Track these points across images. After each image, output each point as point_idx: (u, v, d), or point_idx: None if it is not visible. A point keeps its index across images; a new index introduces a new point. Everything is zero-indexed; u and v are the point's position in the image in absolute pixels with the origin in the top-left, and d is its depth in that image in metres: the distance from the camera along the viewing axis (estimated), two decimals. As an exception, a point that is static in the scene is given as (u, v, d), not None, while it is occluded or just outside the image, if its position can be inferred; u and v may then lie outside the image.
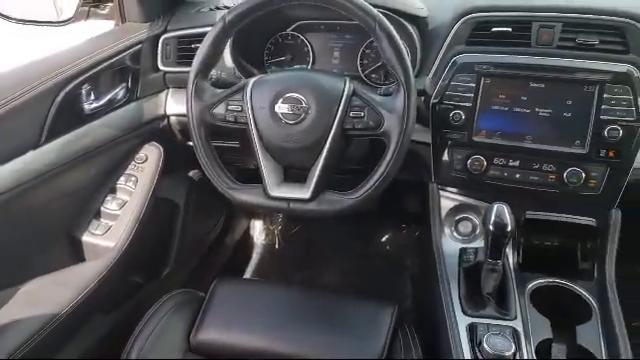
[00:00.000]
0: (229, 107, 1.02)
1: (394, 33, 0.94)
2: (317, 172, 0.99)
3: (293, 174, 1.08)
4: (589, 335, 0.97)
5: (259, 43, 1.37)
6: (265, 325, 1.12)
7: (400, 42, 0.94)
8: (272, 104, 0.99)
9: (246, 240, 2.14)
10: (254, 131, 1.00)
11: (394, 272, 1.99)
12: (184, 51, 1.32)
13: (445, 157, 1.16)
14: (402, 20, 1.17)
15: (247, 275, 2.05)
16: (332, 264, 2.08)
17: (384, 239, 2.15)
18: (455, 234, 1.21)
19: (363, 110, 0.97)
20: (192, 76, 1.02)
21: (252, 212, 2.18)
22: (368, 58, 1.31)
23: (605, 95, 1.02)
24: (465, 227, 1.21)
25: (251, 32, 1.29)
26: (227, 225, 1.95)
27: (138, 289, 1.50)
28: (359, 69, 1.32)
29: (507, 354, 0.88)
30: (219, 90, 1.05)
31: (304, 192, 0.99)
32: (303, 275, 2.03)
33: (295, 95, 0.98)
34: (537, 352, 0.95)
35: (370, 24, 0.94)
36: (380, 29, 0.94)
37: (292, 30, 1.36)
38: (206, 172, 1.05)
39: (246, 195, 1.03)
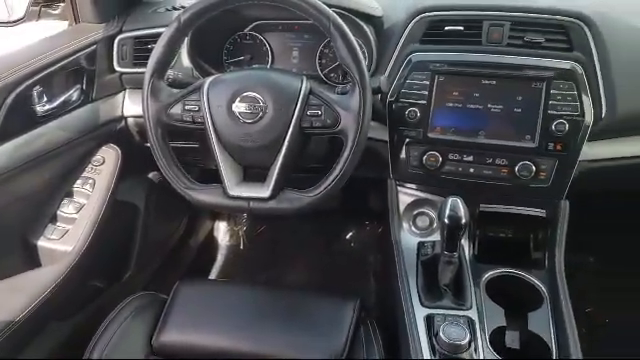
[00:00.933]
0: (186, 107, 1.01)
1: (348, 32, 0.95)
2: (276, 171, 0.99)
3: (253, 173, 1.08)
4: (540, 321, 1.01)
5: (217, 43, 1.37)
6: (228, 325, 1.12)
7: (354, 41, 0.96)
8: (229, 103, 0.99)
9: (210, 241, 2.13)
10: (212, 131, 1.00)
11: (358, 269, 2.02)
12: (140, 52, 1.30)
13: (402, 154, 1.18)
14: (357, 19, 1.19)
15: (212, 276, 2.03)
16: (297, 263, 2.09)
17: (348, 236, 2.17)
18: (413, 228, 1.24)
19: (320, 109, 0.98)
20: (148, 76, 1.02)
21: (216, 213, 2.17)
22: (326, 57, 1.32)
23: (552, 91, 1.07)
24: (423, 221, 1.24)
25: (209, 32, 1.29)
26: (190, 227, 1.94)
27: (99, 293, 1.47)
28: (318, 68, 1.33)
29: (462, 342, 0.91)
30: (176, 90, 1.04)
31: (264, 191, 1.00)
32: (268, 275, 2.04)
33: (252, 94, 0.98)
34: (491, 339, 0.98)
35: (324, 23, 0.95)
36: (334, 28, 0.95)
37: (250, 30, 1.37)
38: (164, 173, 1.04)
39: (205, 195, 1.02)
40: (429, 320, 1.01)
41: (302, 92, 0.98)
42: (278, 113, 0.98)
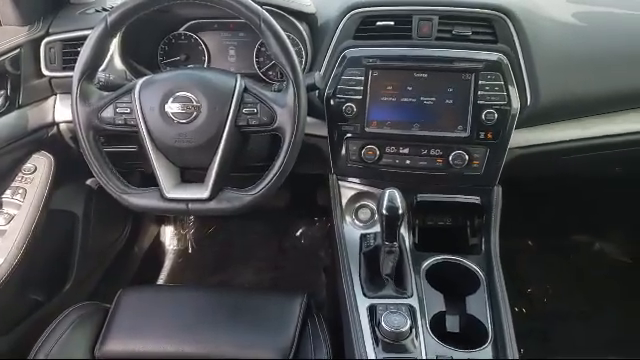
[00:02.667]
0: (117, 110, 0.99)
1: (279, 29, 0.96)
2: (214, 171, 0.99)
3: (193, 175, 1.07)
4: (477, 304, 1.05)
5: (151, 44, 1.34)
6: (173, 329, 1.11)
7: (285, 38, 0.96)
8: (162, 104, 0.97)
9: (157, 247, 2.08)
10: (145, 133, 0.98)
11: (309, 265, 2.03)
12: (70, 55, 1.25)
13: (341, 149, 1.20)
14: (290, 17, 1.20)
15: (160, 283, 1.99)
16: (248, 263, 2.08)
17: (298, 234, 2.18)
18: (356, 221, 1.26)
19: (256, 106, 0.98)
20: (76, 80, 0.99)
21: (161, 218, 2.12)
22: (264, 56, 1.32)
23: (480, 82, 1.11)
24: (364, 214, 1.26)
25: (141, 32, 1.26)
26: (134, 233, 1.89)
27: (38, 307, 1.41)
28: (256, 67, 1.33)
29: (403, 330, 0.94)
30: (106, 93, 1.01)
31: (202, 192, 0.99)
32: (219, 277, 2.02)
33: (185, 94, 0.97)
34: (432, 325, 1.01)
35: (255, 21, 0.95)
36: (265, 26, 0.95)
37: (185, 30, 1.35)
38: (97, 178, 1.01)
39: (141, 199, 1.00)
40: (372, 310, 1.03)
41: (237, 90, 0.98)
42: (213, 112, 0.97)
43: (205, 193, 0.98)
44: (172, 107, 0.97)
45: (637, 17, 1.21)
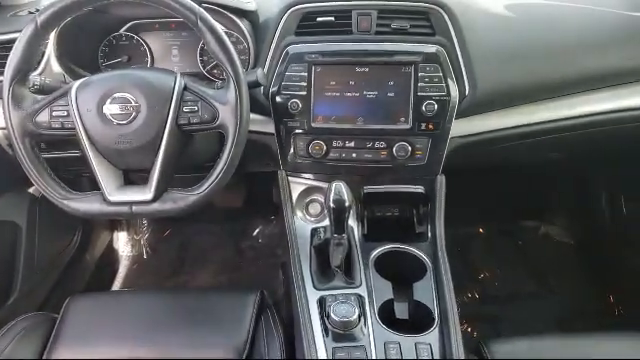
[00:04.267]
0: (54, 113, 0.97)
1: (216, 26, 0.95)
2: (157, 171, 0.98)
3: (139, 177, 1.05)
4: (424, 290, 1.08)
5: (91, 45, 1.30)
6: (125, 335, 1.09)
7: (223, 35, 0.96)
8: (99, 106, 0.96)
9: (110, 254, 2.04)
10: (83, 135, 0.96)
11: (267, 263, 2.04)
12: (1, 58, 1.21)
13: (289, 145, 1.21)
14: (231, 15, 1.19)
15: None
16: (205, 266, 2.06)
17: (255, 233, 2.18)
18: (307, 216, 1.27)
19: (197, 104, 0.98)
20: (6, 84, 0.95)
21: (114, 224, 2.08)
22: (207, 54, 1.31)
23: (420, 74, 1.13)
24: (315, 208, 1.27)
25: (79, 34, 1.23)
26: (85, 240, 1.84)
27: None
28: (200, 65, 1.32)
29: (352, 319, 0.96)
30: (41, 97, 0.98)
31: (146, 193, 0.98)
32: (176, 282, 1.99)
33: (123, 95, 0.96)
34: (381, 313, 1.03)
35: (191, 19, 0.95)
36: (202, 23, 0.95)
37: (125, 30, 1.32)
38: (36, 185, 0.99)
39: (83, 204, 0.98)
40: (321, 302, 1.04)
41: (176, 89, 0.97)
42: (152, 112, 0.96)
43: (148, 195, 0.97)
44: (110, 108, 0.95)
45: (565, 8, 1.27)
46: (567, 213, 2.08)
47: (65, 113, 0.97)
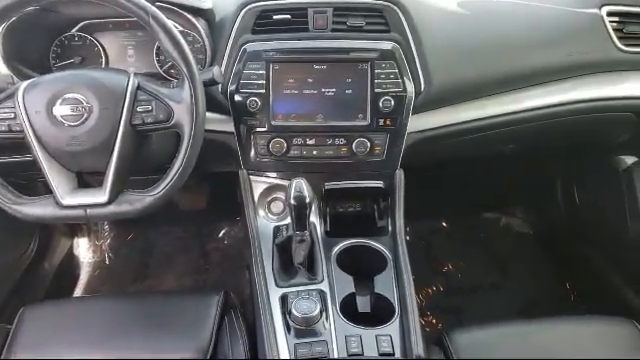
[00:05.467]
0: (0, 116, 0.94)
1: (169, 25, 0.94)
2: (111, 173, 0.96)
3: (94, 179, 1.03)
4: (384, 283, 1.10)
5: (41, 46, 1.27)
6: (84, 342, 1.07)
7: (176, 32, 0.95)
8: (49, 107, 0.93)
9: (70, 260, 1.98)
10: (32, 138, 0.94)
11: (233, 265, 2.02)
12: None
13: (249, 143, 1.20)
14: (185, 13, 1.18)
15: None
16: (170, 269, 2.04)
17: (221, 234, 2.16)
18: (269, 215, 1.27)
19: (151, 104, 0.97)
20: None
21: (74, 229, 2.02)
22: (164, 54, 1.29)
23: (376, 71, 1.15)
24: (277, 207, 1.27)
25: (27, 34, 1.19)
26: (43, 247, 1.78)
27: None
28: (156, 65, 1.30)
29: (313, 314, 0.96)
30: None
31: (101, 196, 0.96)
32: (140, 287, 1.96)
33: (74, 95, 0.94)
34: (344, 307, 1.04)
35: (143, 17, 0.93)
36: (154, 21, 0.94)
37: (78, 31, 1.29)
38: None
39: (35, 208, 0.96)
40: (284, 299, 1.05)
41: (129, 88, 0.96)
42: (105, 113, 0.94)
43: (103, 197, 0.95)
44: (60, 110, 0.93)
45: (516, 5, 1.30)
46: (526, 205, 2.15)
47: (12, 115, 0.94)
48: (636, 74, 1.32)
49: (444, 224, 2.17)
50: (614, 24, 1.27)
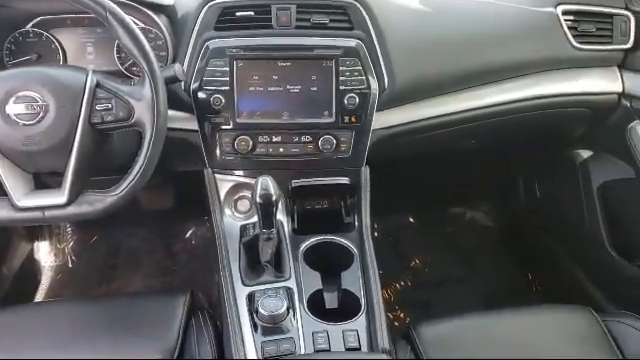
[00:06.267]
0: None
1: (127, 20, 0.93)
2: (70, 173, 0.93)
3: (53, 180, 1.00)
4: (351, 278, 1.11)
5: (-7, 43, 1.22)
6: (47, 346, 1.04)
7: (135, 28, 0.93)
8: (2, 105, 0.90)
9: (31, 265, 1.92)
10: None
11: (201, 265, 1.99)
12: None
13: (214, 141, 1.19)
14: (146, 10, 1.16)
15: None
16: (136, 271, 2.00)
17: (188, 234, 2.13)
18: (236, 213, 1.26)
19: (110, 102, 0.95)
20: None
21: (34, 233, 1.96)
22: (125, 51, 1.26)
23: (341, 68, 1.15)
24: (243, 205, 1.26)
25: (-23, 30, 1.15)
26: (1, 251, 1.72)
27: None
28: (117, 62, 1.27)
29: (280, 312, 0.96)
30: None
31: (59, 197, 0.93)
32: (105, 289, 1.91)
33: (28, 93, 0.91)
34: (311, 303, 1.05)
35: (101, 13, 0.91)
36: (112, 18, 0.92)
37: (33, 26, 1.24)
38: None
39: None
40: (250, 297, 1.04)
41: (87, 86, 0.93)
42: (62, 111, 0.92)
43: (62, 198, 0.93)
44: (14, 108, 0.90)
45: (477, 3, 1.33)
46: (490, 199, 2.20)
47: None
48: (590, 71, 1.37)
49: (411, 220, 2.20)
50: (569, 22, 1.31)
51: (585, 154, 1.57)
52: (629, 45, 1.34)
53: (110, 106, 0.94)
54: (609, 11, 1.32)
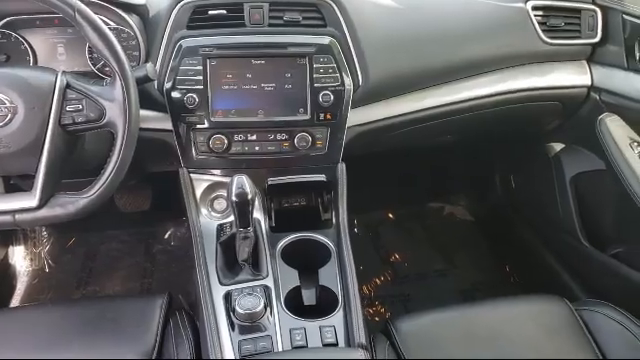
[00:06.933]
0: None
1: (96, 20, 0.92)
2: (41, 175, 0.92)
3: (25, 183, 0.99)
4: (328, 274, 1.11)
5: (-41, 44, 1.20)
6: (23, 351, 1.02)
7: (105, 28, 0.92)
8: None
9: (6, 270, 1.88)
10: None
11: (181, 265, 1.98)
12: None
13: (189, 141, 1.18)
14: (117, 9, 1.14)
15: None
16: (115, 274, 1.98)
17: (167, 236, 2.12)
18: (212, 213, 1.25)
19: (81, 102, 0.94)
20: None
21: (7, 237, 1.92)
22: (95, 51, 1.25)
23: (315, 65, 1.15)
24: (220, 204, 1.26)
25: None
26: (-26, 258, 1.69)
27: None
28: (89, 63, 1.25)
29: (257, 310, 0.96)
30: None
31: (30, 200, 0.92)
32: (83, 293, 1.89)
33: None
34: (288, 301, 1.05)
35: (69, 13, 0.90)
36: (81, 17, 0.90)
37: (1, 27, 1.22)
38: None
39: None
40: (227, 297, 1.04)
41: (57, 87, 0.92)
42: (31, 113, 0.90)
43: (33, 201, 0.91)
44: None
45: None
46: (467, 193, 2.23)
47: None
48: (560, 65, 1.40)
49: (391, 215, 2.21)
50: (539, 17, 1.33)
51: (558, 147, 1.60)
52: (597, 39, 1.37)
53: (81, 107, 0.93)
54: (577, 6, 1.35)
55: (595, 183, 1.47)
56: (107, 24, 1.12)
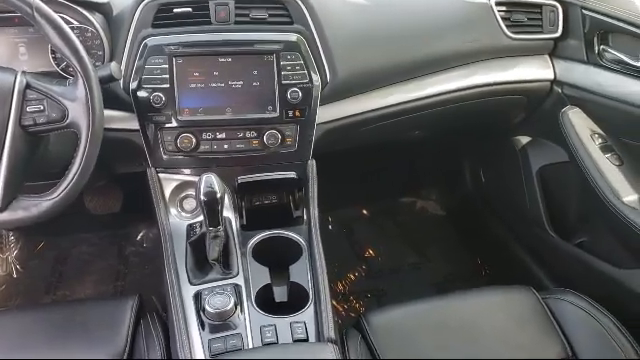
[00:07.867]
0: None
1: (56, 18, 0.90)
2: (2, 179, 0.90)
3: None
4: (299, 271, 1.11)
5: None
6: None
7: (65, 27, 0.91)
8: None
9: (-28, 277, 1.84)
10: None
11: (154, 267, 1.96)
12: None
13: (156, 140, 1.17)
14: (79, 8, 1.12)
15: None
16: (86, 278, 1.94)
17: (139, 237, 2.09)
18: (182, 213, 1.24)
19: (42, 103, 0.92)
20: None
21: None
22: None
23: (282, 62, 1.15)
24: (189, 204, 1.24)
25: None
26: (-63, 265, 1.64)
27: None
28: (53, 63, 1.22)
29: (227, 308, 0.96)
30: None
31: None
32: (54, 298, 1.85)
33: None
34: (259, 298, 1.05)
35: (27, 11, 0.88)
36: (39, 16, 0.89)
37: None
38: None
39: None
40: (197, 296, 1.03)
41: (16, 87, 0.91)
42: None
43: None
44: None
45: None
46: (439, 187, 2.26)
47: None
48: (524, 59, 1.43)
49: (364, 211, 2.23)
50: (502, 13, 1.36)
51: (524, 140, 1.64)
52: (558, 34, 1.40)
53: (42, 107, 0.91)
54: (538, 1, 1.38)
55: (560, 175, 1.51)
56: (70, 23, 1.10)
